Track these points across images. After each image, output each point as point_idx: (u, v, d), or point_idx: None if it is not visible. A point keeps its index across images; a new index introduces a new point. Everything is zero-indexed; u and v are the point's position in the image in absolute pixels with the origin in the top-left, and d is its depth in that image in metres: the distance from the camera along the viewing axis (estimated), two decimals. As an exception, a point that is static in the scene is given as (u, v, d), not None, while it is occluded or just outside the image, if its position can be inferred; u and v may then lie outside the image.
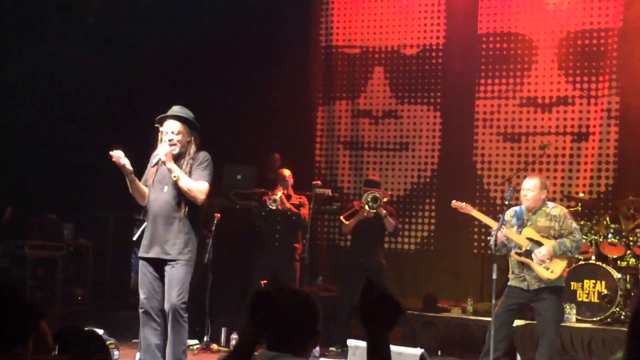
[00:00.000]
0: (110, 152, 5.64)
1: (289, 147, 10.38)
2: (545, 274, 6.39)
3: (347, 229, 8.69)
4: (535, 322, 7.16)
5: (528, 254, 6.44)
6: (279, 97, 10.75)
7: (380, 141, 10.67)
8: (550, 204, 6.69)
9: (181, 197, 5.72)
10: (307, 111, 10.93)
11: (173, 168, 5.66)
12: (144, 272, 5.78)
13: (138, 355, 6.09)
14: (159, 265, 5.77)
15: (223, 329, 8.41)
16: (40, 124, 10.35)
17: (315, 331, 2.76)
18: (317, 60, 10.95)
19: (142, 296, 5.77)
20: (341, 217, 8.74)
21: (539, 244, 6.45)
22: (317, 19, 10.96)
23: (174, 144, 5.72)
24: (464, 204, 6.93)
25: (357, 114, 10.79)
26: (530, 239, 6.46)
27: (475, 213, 6.88)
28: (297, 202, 8.73)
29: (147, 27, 10.62)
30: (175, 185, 5.68)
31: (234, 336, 7.98)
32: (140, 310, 5.78)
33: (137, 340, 6.06)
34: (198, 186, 5.70)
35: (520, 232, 6.48)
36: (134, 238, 9.59)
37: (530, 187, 6.50)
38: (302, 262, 8.53)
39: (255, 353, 2.68)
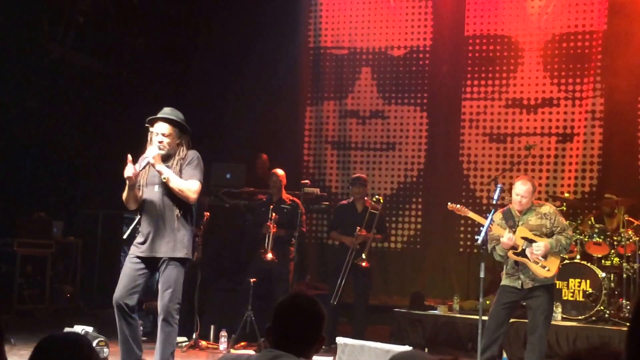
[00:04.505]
0: (127, 169, 5.59)
1: (277, 146, 10.46)
2: (542, 272, 6.41)
3: (332, 239, 8.76)
4: (521, 320, 7.26)
5: (524, 253, 6.45)
6: (267, 97, 10.82)
7: (367, 141, 10.76)
8: (538, 202, 6.75)
9: (171, 195, 5.67)
10: (295, 111, 11.00)
11: (162, 170, 5.60)
12: (130, 267, 5.68)
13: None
14: (150, 264, 5.70)
15: (212, 326, 8.47)
16: (30, 122, 10.37)
17: (320, 336, 2.81)
18: (305, 61, 11.03)
19: (118, 290, 5.63)
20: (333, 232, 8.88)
21: (533, 243, 6.51)
22: (306, 21, 11.04)
23: (163, 146, 5.66)
24: (459, 206, 6.94)
25: (345, 114, 10.88)
26: (525, 238, 6.48)
27: (471, 215, 6.85)
28: (289, 204, 8.65)
29: (135, 26, 10.66)
30: (165, 184, 5.63)
31: (223, 333, 8.04)
32: (114, 304, 5.61)
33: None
34: (189, 185, 5.65)
35: (514, 232, 6.44)
36: (124, 236, 9.61)
37: (525, 192, 6.48)
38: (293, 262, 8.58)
39: (253, 352, 2.73)
